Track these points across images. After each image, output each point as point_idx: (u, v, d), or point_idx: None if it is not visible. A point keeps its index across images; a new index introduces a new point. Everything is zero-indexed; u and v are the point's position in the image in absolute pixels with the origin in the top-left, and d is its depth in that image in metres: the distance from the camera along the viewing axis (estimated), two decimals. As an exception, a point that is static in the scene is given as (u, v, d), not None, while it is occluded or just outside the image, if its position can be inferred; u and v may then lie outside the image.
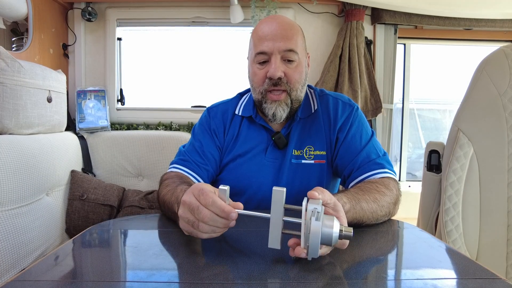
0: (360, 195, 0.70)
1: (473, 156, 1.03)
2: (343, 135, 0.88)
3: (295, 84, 0.84)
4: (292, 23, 0.85)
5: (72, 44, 1.87)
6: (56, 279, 0.47)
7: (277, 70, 0.81)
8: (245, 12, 1.81)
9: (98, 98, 1.81)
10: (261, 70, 0.84)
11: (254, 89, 0.88)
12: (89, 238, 0.66)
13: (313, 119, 0.91)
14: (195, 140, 0.94)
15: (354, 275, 0.50)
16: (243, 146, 0.92)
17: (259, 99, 0.87)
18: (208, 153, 0.91)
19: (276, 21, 0.83)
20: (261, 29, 0.84)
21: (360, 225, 0.69)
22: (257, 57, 0.84)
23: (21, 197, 1.14)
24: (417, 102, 2.45)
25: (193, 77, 2.05)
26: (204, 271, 0.50)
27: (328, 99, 0.93)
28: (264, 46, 0.81)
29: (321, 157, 0.89)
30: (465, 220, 1.03)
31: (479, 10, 1.75)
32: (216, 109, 0.98)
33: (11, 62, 1.21)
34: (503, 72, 1.01)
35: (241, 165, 0.91)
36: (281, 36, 0.81)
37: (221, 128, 0.95)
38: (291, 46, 0.81)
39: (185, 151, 0.93)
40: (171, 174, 0.86)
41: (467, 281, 0.48)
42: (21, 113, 1.25)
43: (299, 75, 0.84)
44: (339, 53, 1.79)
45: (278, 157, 0.90)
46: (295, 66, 0.83)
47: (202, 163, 0.90)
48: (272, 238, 0.52)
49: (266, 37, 0.82)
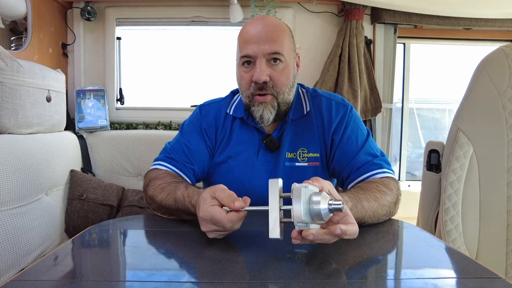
0: (361, 194, 0.70)
1: (472, 155, 1.03)
2: (339, 137, 0.86)
3: (282, 88, 0.82)
4: (279, 24, 0.83)
5: (71, 44, 1.86)
6: (56, 279, 0.47)
7: (262, 74, 0.78)
8: (244, 11, 1.81)
9: (97, 97, 1.81)
10: (247, 73, 0.82)
11: (242, 93, 0.87)
12: (88, 238, 0.65)
13: (306, 120, 0.89)
14: (182, 138, 0.92)
15: (354, 274, 0.50)
16: (235, 148, 0.90)
17: (247, 103, 0.85)
18: (196, 153, 0.89)
19: (262, 23, 0.81)
20: (246, 31, 0.82)
21: (361, 224, 0.69)
22: (242, 60, 0.82)
23: (21, 197, 1.14)
24: (416, 101, 2.45)
25: (192, 76, 2.05)
26: (204, 270, 0.50)
27: (321, 100, 0.91)
28: (249, 50, 0.79)
29: (315, 159, 0.88)
30: (465, 220, 1.03)
31: (478, 10, 1.75)
32: (208, 107, 0.96)
33: (10, 61, 1.21)
34: (503, 71, 1.01)
35: (233, 168, 0.89)
36: (266, 38, 0.78)
37: (213, 128, 0.92)
38: (276, 48, 0.79)
39: (170, 149, 0.90)
40: (161, 173, 0.84)
41: (467, 281, 0.48)
42: (20, 112, 1.24)
43: (286, 77, 0.82)
44: (339, 52, 1.79)
45: (271, 160, 0.88)
46: (282, 68, 0.81)
47: (187, 162, 0.87)
48: (272, 228, 0.51)
49: (251, 39, 0.79)
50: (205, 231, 0.60)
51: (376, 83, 1.83)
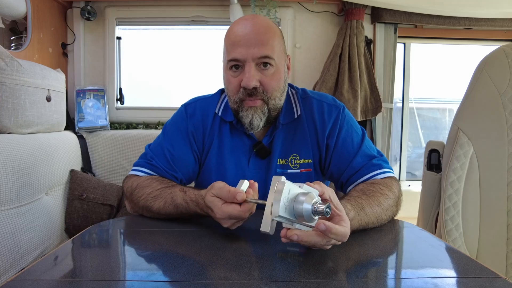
0: (363, 199, 0.68)
1: (473, 155, 1.03)
2: (333, 141, 0.83)
3: (273, 93, 0.77)
4: (269, 25, 0.77)
5: (71, 43, 1.86)
6: (56, 279, 0.47)
7: (251, 80, 0.74)
8: (244, 11, 1.81)
9: (97, 97, 1.80)
10: (235, 78, 0.77)
11: (230, 98, 0.81)
12: (88, 237, 0.65)
13: (297, 125, 0.86)
14: (165, 141, 0.86)
15: (355, 274, 0.50)
16: (225, 155, 0.86)
17: (235, 108, 0.80)
18: (179, 159, 0.84)
19: (250, 23, 0.76)
20: (233, 32, 0.77)
21: (364, 229, 0.68)
22: (230, 64, 0.77)
23: (20, 197, 1.14)
24: (417, 101, 2.45)
25: (192, 76, 2.04)
26: (204, 270, 0.50)
27: (312, 102, 0.87)
28: (237, 53, 0.74)
29: (307, 165, 0.85)
30: (465, 219, 1.03)
31: (479, 10, 1.75)
32: (195, 105, 0.89)
33: (10, 61, 1.21)
34: (503, 71, 1.01)
35: (223, 176, 0.84)
36: (255, 41, 0.73)
37: (200, 129, 0.86)
38: (266, 52, 0.74)
39: (152, 155, 0.84)
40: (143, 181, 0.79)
41: (467, 280, 0.48)
42: (20, 112, 1.24)
43: (277, 82, 0.78)
44: (339, 52, 1.79)
45: (262, 167, 0.85)
46: (272, 73, 0.76)
47: (170, 169, 0.83)
48: (264, 221, 0.51)
49: (239, 42, 0.74)
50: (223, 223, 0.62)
51: (376, 82, 1.83)
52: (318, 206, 0.49)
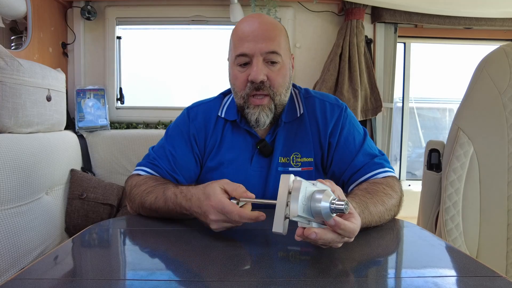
0: (367, 198, 0.69)
1: (473, 155, 1.03)
2: (335, 140, 0.84)
3: (279, 88, 0.79)
4: (275, 23, 0.80)
5: (71, 43, 1.86)
6: (56, 278, 0.47)
7: (259, 73, 0.75)
8: (244, 10, 1.81)
9: (97, 97, 1.80)
10: (242, 73, 0.78)
11: (236, 94, 0.82)
12: (88, 237, 0.65)
13: (299, 123, 0.86)
14: (167, 143, 0.87)
15: (355, 273, 0.50)
16: (227, 154, 0.86)
17: (241, 104, 0.81)
18: (181, 162, 0.85)
19: (258, 20, 0.78)
20: (241, 29, 0.78)
21: (366, 229, 0.68)
22: (238, 59, 0.78)
23: (21, 196, 1.14)
24: (417, 101, 2.45)
25: (192, 76, 2.04)
26: (204, 269, 0.50)
27: (314, 102, 0.88)
28: (245, 48, 0.76)
29: (309, 164, 0.85)
30: (465, 219, 1.03)
31: (479, 9, 1.75)
32: (197, 109, 0.91)
33: (10, 60, 1.21)
34: (503, 71, 1.01)
35: (226, 175, 0.84)
36: (263, 36, 0.75)
37: (202, 132, 0.87)
38: (274, 47, 0.76)
39: (154, 156, 0.86)
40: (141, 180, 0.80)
41: (467, 279, 0.48)
42: (20, 112, 1.24)
43: (283, 78, 0.79)
44: (339, 52, 1.79)
45: (264, 166, 0.85)
46: (279, 68, 0.78)
47: (171, 171, 0.84)
48: (276, 222, 0.50)
49: (247, 37, 0.76)
50: (211, 221, 0.60)
51: (377, 82, 1.83)
52: (336, 203, 0.48)
